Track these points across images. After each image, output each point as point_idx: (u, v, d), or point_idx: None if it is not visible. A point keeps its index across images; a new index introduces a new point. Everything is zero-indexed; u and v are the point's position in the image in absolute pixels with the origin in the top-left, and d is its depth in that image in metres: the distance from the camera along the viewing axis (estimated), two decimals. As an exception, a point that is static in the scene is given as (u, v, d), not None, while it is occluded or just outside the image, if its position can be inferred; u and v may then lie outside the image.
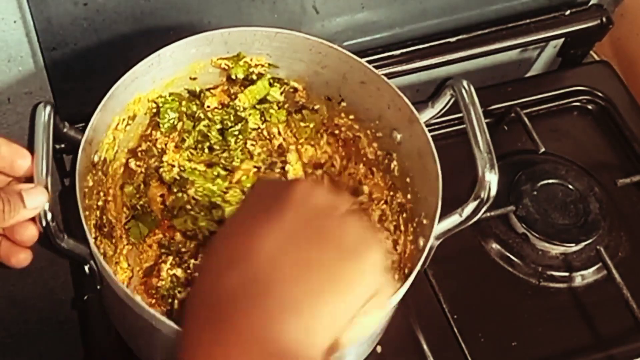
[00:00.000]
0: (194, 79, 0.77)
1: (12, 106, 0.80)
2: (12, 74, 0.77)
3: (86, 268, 0.67)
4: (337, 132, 0.81)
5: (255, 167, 0.82)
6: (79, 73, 0.80)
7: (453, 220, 0.67)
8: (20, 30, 0.72)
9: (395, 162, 0.77)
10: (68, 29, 0.75)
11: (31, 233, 0.63)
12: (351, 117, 0.79)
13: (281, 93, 0.80)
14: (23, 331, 1.13)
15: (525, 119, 0.92)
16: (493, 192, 0.65)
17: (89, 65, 0.79)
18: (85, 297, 0.80)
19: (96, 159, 0.71)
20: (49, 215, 0.62)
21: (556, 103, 0.98)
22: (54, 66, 0.78)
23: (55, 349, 1.18)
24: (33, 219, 0.62)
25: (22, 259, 0.64)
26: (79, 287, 0.83)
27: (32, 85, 0.79)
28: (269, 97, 0.80)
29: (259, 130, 0.82)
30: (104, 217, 0.75)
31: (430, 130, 0.70)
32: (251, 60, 0.76)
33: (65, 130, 0.69)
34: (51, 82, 0.80)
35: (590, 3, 0.99)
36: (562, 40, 1.03)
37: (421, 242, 0.70)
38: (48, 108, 0.65)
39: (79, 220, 0.65)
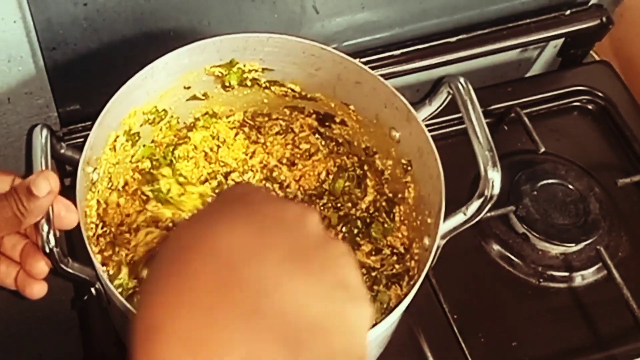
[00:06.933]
0: (188, 88, 0.76)
1: (12, 106, 0.80)
2: (12, 74, 0.76)
3: (92, 290, 0.67)
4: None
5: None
6: (79, 73, 0.80)
7: (458, 219, 0.67)
8: (20, 30, 0.72)
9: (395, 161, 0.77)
10: (68, 29, 0.75)
11: (41, 267, 0.63)
12: (352, 107, 0.78)
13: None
14: (23, 331, 1.13)
15: (525, 119, 0.92)
16: (496, 190, 0.65)
17: (89, 65, 0.79)
18: (85, 297, 0.79)
19: (95, 176, 0.71)
20: (52, 241, 0.61)
21: (556, 103, 0.98)
22: (54, 66, 0.78)
23: (55, 349, 1.18)
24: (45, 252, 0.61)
25: (36, 290, 0.64)
26: (79, 287, 0.83)
27: (32, 85, 0.79)
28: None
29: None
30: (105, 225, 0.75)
31: (429, 131, 0.70)
32: (244, 66, 0.76)
33: (62, 151, 0.69)
34: (51, 82, 0.80)
35: (590, 3, 0.99)
36: (562, 40, 1.03)
37: (427, 241, 0.70)
38: (45, 131, 0.65)
39: (82, 239, 0.64)
